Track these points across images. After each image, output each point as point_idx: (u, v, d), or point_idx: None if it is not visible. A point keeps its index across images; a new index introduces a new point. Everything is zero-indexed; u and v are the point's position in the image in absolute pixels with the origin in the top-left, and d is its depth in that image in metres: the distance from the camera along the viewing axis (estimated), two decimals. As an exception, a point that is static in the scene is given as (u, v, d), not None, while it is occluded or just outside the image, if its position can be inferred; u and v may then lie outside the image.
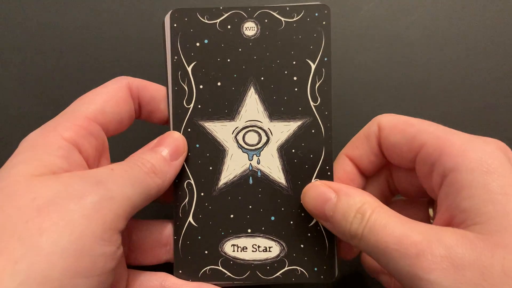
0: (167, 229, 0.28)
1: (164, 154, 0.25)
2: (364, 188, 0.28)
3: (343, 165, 0.27)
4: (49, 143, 0.22)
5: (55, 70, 0.35)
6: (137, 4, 0.36)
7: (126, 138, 0.29)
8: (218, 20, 0.27)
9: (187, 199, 0.27)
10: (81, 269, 0.19)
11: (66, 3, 0.36)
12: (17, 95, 0.35)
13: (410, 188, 0.27)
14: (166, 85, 0.27)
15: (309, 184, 0.25)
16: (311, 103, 0.27)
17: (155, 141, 0.26)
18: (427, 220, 0.27)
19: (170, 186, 0.26)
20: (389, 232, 0.21)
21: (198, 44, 0.27)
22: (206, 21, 0.27)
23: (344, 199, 0.23)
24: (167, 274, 0.27)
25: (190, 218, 0.27)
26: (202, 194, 0.27)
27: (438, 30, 0.34)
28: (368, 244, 0.21)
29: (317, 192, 0.24)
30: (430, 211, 0.27)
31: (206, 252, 0.27)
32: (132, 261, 0.27)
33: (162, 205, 0.29)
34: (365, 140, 0.26)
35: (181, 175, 0.27)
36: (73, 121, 0.24)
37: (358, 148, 0.26)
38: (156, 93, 0.27)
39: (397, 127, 0.25)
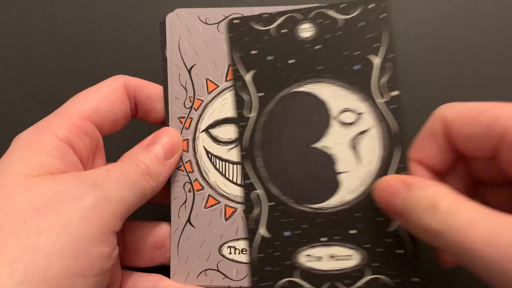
0: (162, 231, 0.27)
1: (158, 154, 0.25)
2: None
3: (414, 172, 0.25)
4: (44, 143, 0.22)
5: (53, 70, 0.35)
6: (137, 4, 0.35)
7: (122, 136, 0.29)
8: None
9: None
10: (78, 269, 0.19)
11: (65, 3, 0.35)
12: (16, 94, 0.35)
13: (495, 175, 0.24)
14: (164, 84, 0.27)
15: (382, 178, 0.24)
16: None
17: (150, 137, 0.26)
18: None
19: (165, 186, 0.26)
20: (476, 229, 0.18)
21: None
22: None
23: (415, 191, 0.21)
24: (161, 276, 0.26)
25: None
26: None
27: (438, 30, 0.34)
28: (449, 242, 0.19)
29: (387, 185, 0.23)
30: None
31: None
32: (126, 263, 0.27)
33: (156, 205, 0.29)
34: (431, 139, 0.24)
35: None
36: (67, 119, 0.23)
37: (425, 149, 0.24)
38: (153, 93, 0.27)
39: (467, 117, 0.22)
